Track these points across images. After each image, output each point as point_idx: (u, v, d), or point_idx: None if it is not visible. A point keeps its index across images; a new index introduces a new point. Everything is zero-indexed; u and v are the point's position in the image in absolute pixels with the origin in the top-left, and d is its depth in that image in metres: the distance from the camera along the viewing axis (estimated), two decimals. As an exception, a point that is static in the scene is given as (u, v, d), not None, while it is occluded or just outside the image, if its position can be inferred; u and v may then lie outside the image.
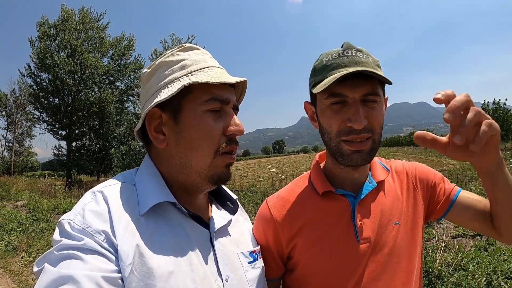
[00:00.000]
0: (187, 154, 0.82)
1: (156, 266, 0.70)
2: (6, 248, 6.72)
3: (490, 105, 31.49)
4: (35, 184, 16.17)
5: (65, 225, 0.70)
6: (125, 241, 0.70)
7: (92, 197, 0.75)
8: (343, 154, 0.94)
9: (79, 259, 0.64)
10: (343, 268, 0.96)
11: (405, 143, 72.69)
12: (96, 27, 24.18)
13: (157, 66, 0.86)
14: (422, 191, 1.07)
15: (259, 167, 34.79)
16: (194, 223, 0.84)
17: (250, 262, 0.93)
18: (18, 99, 27.42)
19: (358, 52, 0.93)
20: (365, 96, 0.90)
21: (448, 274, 3.16)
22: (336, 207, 1.01)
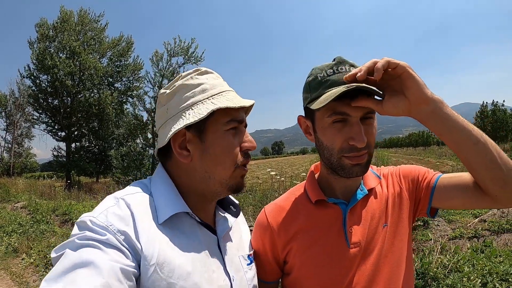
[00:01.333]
0: (212, 167, 0.92)
1: (177, 267, 0.80)
2: (6, 250, 6.75)
3: (489, 106, 31.52)
4: (35, 185, 16.19)
5: (87, 221, 0.75)
6: (149, 243, 0.78)
7: (115, 202, 0.82)
8: (344, 168, 0.99)
9: (100, 250, 0.70)
10: (335, 271, 1.02)
11: (404, 144, 72.72)
12: (95, 28, 24.16)
13: (177, 88, 0.94)
14: (406, 187, 1.10)
15: (258, 168, 34.80)
16: (204, 229, 0.94)
17: (248, 264, 1.04)
18: (18, 100, 27.40)
19: (351, 67, 0.96)
20: (365, 114, 0.95)
21: (443, 276, 3.20)
22: (328, 214, 1.07)
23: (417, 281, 3.22)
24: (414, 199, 1.10)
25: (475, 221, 5.16)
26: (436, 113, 0.87)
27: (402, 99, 0.88)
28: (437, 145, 56.78)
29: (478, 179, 0.90)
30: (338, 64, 0.98)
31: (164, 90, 0.97)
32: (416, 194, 1.09)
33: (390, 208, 1.07)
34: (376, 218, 1.05)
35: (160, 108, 0.97)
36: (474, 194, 0.94)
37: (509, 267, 3.28)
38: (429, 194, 1.05)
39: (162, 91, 0.97)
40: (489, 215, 5.30)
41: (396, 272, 1.02)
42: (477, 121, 31.94)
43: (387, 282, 1.00)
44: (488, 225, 4.95)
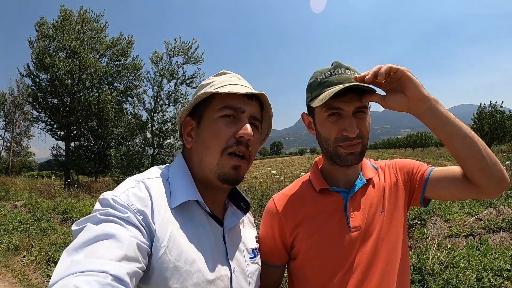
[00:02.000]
0: (202, 152, 0.99)
1: (184, 252, 0.85)
2: (7, 248, 6.81)
3: (487, 108, 31.57)
4: (34, 184, 16.21)
5: (109, 199, 0.80)
6: (162, 226, 0.84)
7: (135, 184, 0.88)
8: (340, 156, 1.12)
9: (121, 225, 0.75)
10: (338, 252, 1.12)
11: (403, 145, 72.84)
12: (95, 27, 24.18)
13: (198, 88, 1.06)
14: (402, 178, 1.22)
15: (257, 168, 34.82)
16: (212, 220, 0.99)
17: (251, 258, 1.09)
18: (16, 99, 27.38)
19: (347, 70, 1.11)
20: (357, 109, 1.08)
21: (440, 271, 3.27)
22: (331, 202, 1.18)
23: (414, 276, 3.28)
24: (409, 189, 1.21)
25: (471, 219, 5.23)
26: (431, 109, 1.00)
27: (402, 97, 1.02)
28: (435, 147, 56.88)
29: (466, 169, 1.03)
30: (336, 68, 1.11)
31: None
32: (411, 184, 1.21)
33: (387, 196, 1.18)
34: (374, 205, 1.17)
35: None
36: (462, 185, 1.07)
37: (503, 263, 3.35)
38: (423, 185, 1.17)
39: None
40: (485, 214, 5.37)
41: (393, 254, 1.13)
42: (475, 122, 32.00)
43: (385, 263, 1.10)
44: (484, 223, 5.02)
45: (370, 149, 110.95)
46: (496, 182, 1.00)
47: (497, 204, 5.86)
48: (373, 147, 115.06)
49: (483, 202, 6.31)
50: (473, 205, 6.12)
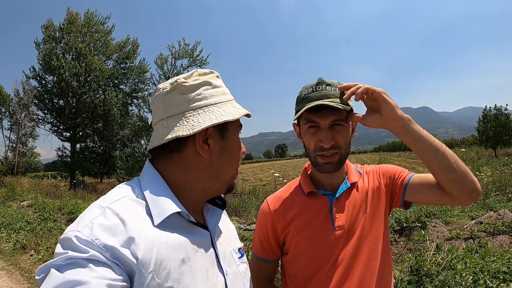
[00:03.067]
0: (226, 165, 0.97)
1: (173, 270, 0.79)
2: (14, 246, 6.94)
3: (492, 111, 31.39)
4: (40, 184, 16.37)
5: (72, 238, 0.71)
6: (147, 251, 0.76)
7: (100, 212, 0.78)
8: (318, 165, 1.27)
9: (85, 267, 0.67)
10: (323, 248, 1.26)
11: (407, 148, 72.30)
12: (101, 30, 24.41)
13: (202, 83, 0.94)
14: (384, 182, 1.34)
15: (261, 170, 34.87)
16: (197, 228, 0.94)
17: (239, 258, 1.06)
18: (22, 100, 27.61)
19: (327, 86, 1.22)
20: (332, 122, 1.20)
21: (437, 272, 3.33)
22: (318, 203, 1.32)
23: (411, 277, 3.35)
24: (390, 193, 1.34)
25: (471, 222, 5.28)
26: (404, 128, 1.13)
27: (379, 117, 1.14)
28: (440, 149, 56.31)
29: (439, 180, 1.14)
30: (318, 84, 1.24)
31: (183, 79, 0.93)
32: (392, 189, 1.33)
33: (369, 198, 1.31)
34: (357, 207, 1.29)
35: (177, 96, 0.92)
36: (438, 192, 1.17)
37: (501, 266, 3.40)
38: (403, 190, 1.29)
39: (182, 80, 0.92)
40: (486, 217, 5.41)
41: (374, 251, 1.25)
42: (480, 125, 31.81)
43: (366, 259, 1.23)
44: (484, 226, 5.06)
45: (374, 152, 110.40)
46: (467, 192, 1.10)
47: (498, 208, 5.90)
48: (377, 150, 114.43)
49: (484, 205, 6.35)
50: (473, 208, 6.16)
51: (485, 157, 25.81)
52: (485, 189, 7.73)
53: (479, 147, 33.58)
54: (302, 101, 1.26)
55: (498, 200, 6.67)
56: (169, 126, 0.90)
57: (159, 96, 0.93)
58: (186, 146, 0.91)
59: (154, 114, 0.96)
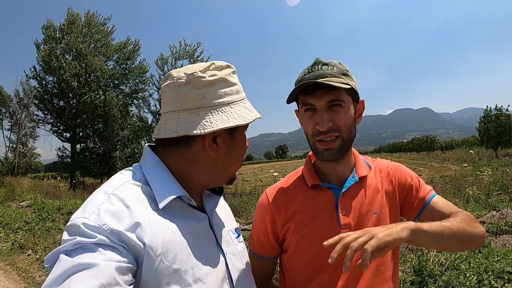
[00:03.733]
0: (232, 162, 1.00)
1: (179, 252, 0.82)
2: (12, 246, 6.89)
3: (493, 111, 31.44)
4: (40, 185, 16.33)
5: (79, 225, 0.73)
6: (154, 235, 0.78)
7: (106, 198, 0.80)
8: (317, 152, 1.15)
9: (94, 251, 0.69)
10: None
11: (408, 149, 72.41)
12: (102, 31, 24.41)
13: (218, 79, 0.92)
14: (399, 192, 1.22)
15: (262, 171, 34.91)
16: (197, 211, 0.97)
17: (236, 237, 1.10)
18: (22, 100, 27.62)
19: (324, 66, 1.11)
20: (330, 103, 1.09)
21: (440, 273, 3.28)
22: (322, 198, 1.19)
23: (414, 278, 3.29)
24: (404, 204, 1.23)
25: (474, 222, 5.22)
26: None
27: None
28: (440, 150, 56.57)
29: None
30: (314, 65, 1.13)
31: (200, 73, 0.90)
32: (406, 201, 1.23)
33: (382, 200, 1.19)
34: (367, 205, 1.17)
35: (191, 90, 0.90)
36: None
37: (505, 266, 3.35)
38: (421, 208, 1.20)
39: (199, 74, 0.90)
40: (489, 217, 5.35)
41: (384, 256, 1.13)
42: (481, 126, 31.87)
43: (376, 263, 1.12)
44: (487, 226, 5.01)
45: (375, 152, 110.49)
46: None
47: (501, 207, 5.84)
48: (378, 151, 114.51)
49: (486, 205, 6.30)
50: (476, 208, 6.11)
51: (485, 157, 25.79)
52: (488, 189, 7.68)
53: (479, 148, 33.58)
54: (298, 83, 1.14)
55: (501, 200, 6.61)
56: (179, 120, 0.90)
57: (172, 86, 0.91)
58: (194, 142, 0.92)
59: (164, 102, 0.94)
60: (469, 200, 6.97)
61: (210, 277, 0.88)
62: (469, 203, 6.68)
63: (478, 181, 8.93)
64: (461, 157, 28.55)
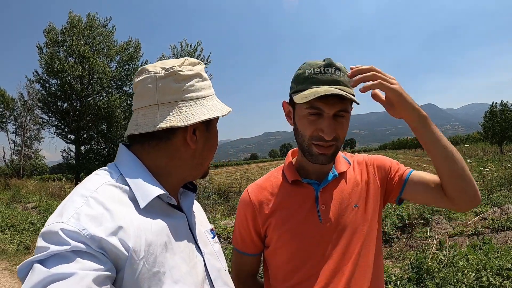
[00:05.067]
0: (207, 155, 1.01)
1: (159, 254, 0.80)
2: (18, 247, 6.95)
3: (498, 107, 31.24)
4: (45, 187, 16.43)
5: (57, 231, 0.69)
6: (136, 237, 0.76)
7: (84, 201, 0.76)
8: (312, 154, 1.14)
9: (70, 260, 0.66)
10: (308, 242, 1.16)
11: (412, 145, 71.95)
12: (103, 32, 24.48)
13: (195, 74, 0.95)
14: (379, 175, 1.25)
15: (266, 170, 34.65)
16: (175, 211, 0.96)
17: (212, 238, 1.10)
18: (27, 103, 27.80)
19: (337, 71, 1.09)
20: (338, 112, 1.09)
21: (438, 269, 3.28)
22: (302, 193, 1.22)
23: (411, 274, 3.30)
24: (385, 187, 1.25)
25: (475, 219, 5.22)
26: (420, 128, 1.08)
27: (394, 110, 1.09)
28: (445, 146, 56.00)
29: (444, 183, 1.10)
30: (326, 66, 1.10)
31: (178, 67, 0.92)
32: (388, 184, 1.25)
33: (361, 191, 1.22)
34: (347, 198, 1.20)
35: (171, 84, 0.91)
36: (437, 194, 1.12)
37: (504, 262, 3.34)
38: (401, 186, 1.21)
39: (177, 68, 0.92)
40: (490, 213, 5.35)
41: (367, 248, 1.16)
42: (486, 121, 31.69)
43: (357, 257, 1.14)
44: (488, 222, 5.00)
45: (380, 149, 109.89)
46: (469, 199, 1.07)
47: (502, 203, 5.83)
48: (382, 148, 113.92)
49: (488, 201, 6.28)
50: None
51: (490, 153, 25.62)
52: (490, 185, 7.65)
53: (484, 143, 33.36)
54: (305, 80, 1.11)
55: (503, 196, 6.59)
56: (160, 113, 0.90)
57: (150, 80, 0.91)
58: (175, 136, 0.92)
59: (141, 96, 0.93)
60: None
61: (190, 277, 0.87)
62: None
63: (482, 177, 8.90)
64: (466, 153, 28.38)
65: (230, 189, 12.76)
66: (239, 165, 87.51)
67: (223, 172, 38.14)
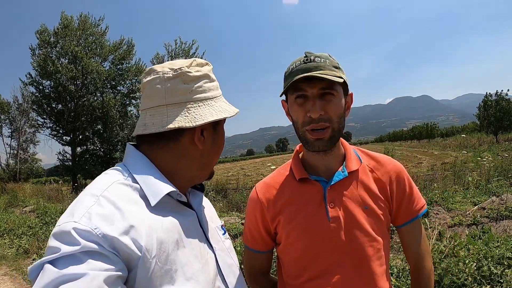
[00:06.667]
0: (214, 156, 1.02)
1: (171, 251, 0.81)
2: (17, 252, 6.92)
3: (493, 97, 31.36)
4: (42, 190, 16.37)
5: (69, 231, 0.69)
6: (149, 236, 0.76)
7: (95, 200, 0.76)
8: (308, 142, 1.13)
9: (81, 260, 0.66)
10: (315, 241, 1.14)
11: (408, 137, 72.31)
12: (96, 32, 24.32)
13: (203, 75, 0.96)
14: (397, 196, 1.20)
15: (263, 165, 34.92)
16: (185, 208, 0.97)
17: (223, 234, 1.11)
18: (21, 106, 27.65)
19: (317, 58, 1.09)
20: (322, 90, 1.07)
21: (439, 260, 3.29)
22: (310, 190, 1.19)
23: (413, 266, 3.30)
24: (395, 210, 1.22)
25: (474, 208, 5.24)
26: None
27: None
28: (441, 137, 56.49)
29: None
30: (305, 57, 1.11)
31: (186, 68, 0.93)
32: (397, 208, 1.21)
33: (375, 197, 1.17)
34: (357, 199, 1.15)
35: (179, 84, 0.92)
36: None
37: (505, 251, 3.37)
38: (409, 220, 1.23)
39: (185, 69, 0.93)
40: (488, 202, 5.37)
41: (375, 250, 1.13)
42: (481, 111, 31.83)
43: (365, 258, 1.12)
44: (487, 212, 5.02)
45: (376, 142, 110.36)
46: None
47: (500, 192, 5.86)
48: (379, 140, 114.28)
49: (486, 190, 6.31)
50: (476, 194, 6.12)
51: (486, 143, 25.77)
52: (487, 174, 7.69)
53: (480, 134, 33.54)
54: (290, 75, 1.12)
55: (501, 185, 6.62)
56: (168, 114, 0.91)
57: (158, 80, 0.92)
58: (183, 136, 0.93)
59: (149, 97, 0.93)
60: (469, 186, 6.99)
61: (202, 274, 0.87)
62: (469, 189, 6.70)
63: (478, 167, 8.93)
64: (461, 144, 28.54)
65: (227, 186, 12.75)
66: (235, 161, 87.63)
67: (220, 169, 38.17)
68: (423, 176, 9.35)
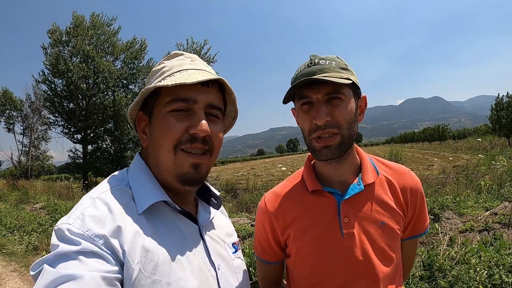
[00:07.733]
0: (156, 152, 0.89)
1: (161, 262, 0.77)
2: (27, 248, 7.00)
3: (504, 99, 30.89)
4: (53, 187, 16.53)
5: (64, 230, 0.71)
6: (133, 242, 0.75)
7: (91, 202, 0.78)
8: (315, 150, 1.07)
9: (78, 261, 0.67)
10: (328, 258, 1.08)
11: (420, 138, 71.58)
12: (108, 31, 24.47)
13: (150, 75, 0.97)
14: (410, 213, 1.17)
15: (273, 166, 34.88)
16: (185, 219, 0.92)
17: (234, 252, 1.04)
18: (34, 104, 27.99)
19: (321, 60, 1.04)
20: (328, 95, 1.01)
21: (450, 267, 3.23)
22: (323, 203, 1.12)
23: (423, 272, 3.25)
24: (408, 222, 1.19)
25: (486, 214, 5.14)
26: None
27: None
28: (452, 139, 55.82)
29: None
30: (310, 61, 1.06)
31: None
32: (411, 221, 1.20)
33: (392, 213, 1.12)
34: (373, 214, 1.10)
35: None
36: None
37: (517, 259, 3.29)
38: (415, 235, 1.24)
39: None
40: (501, 208, 5.26)
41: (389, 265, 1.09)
42: (493, 113, 31.38)
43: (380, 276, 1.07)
44: (499, 218, 4.92)
45: (386, 143, 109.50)
46: None
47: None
48: (389, 141, 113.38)
49: (499, 195, 6.19)
50: (488, 199, 6.01)
51: (498, 146, 25.38)
52: (500, 179, 7.55)
53: (492, 136, 33.07)
54: (294, 81, 1.06)
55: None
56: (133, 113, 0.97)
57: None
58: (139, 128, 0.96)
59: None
60: (481, 191, 6.86)
61: None
62: (481, 194, 6.58)
63: (491, 171, 8.77)
64: (473, 146, 28.17)
65: (237, 186, 12.75)
66: (246, 161, 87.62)
67: (230, 169, 38.24)
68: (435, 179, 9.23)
